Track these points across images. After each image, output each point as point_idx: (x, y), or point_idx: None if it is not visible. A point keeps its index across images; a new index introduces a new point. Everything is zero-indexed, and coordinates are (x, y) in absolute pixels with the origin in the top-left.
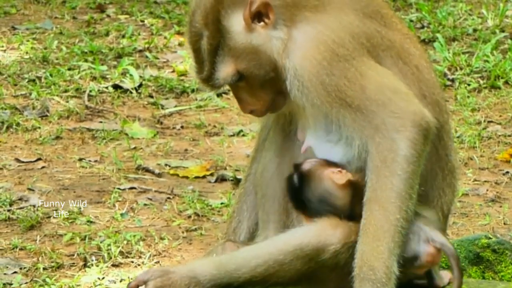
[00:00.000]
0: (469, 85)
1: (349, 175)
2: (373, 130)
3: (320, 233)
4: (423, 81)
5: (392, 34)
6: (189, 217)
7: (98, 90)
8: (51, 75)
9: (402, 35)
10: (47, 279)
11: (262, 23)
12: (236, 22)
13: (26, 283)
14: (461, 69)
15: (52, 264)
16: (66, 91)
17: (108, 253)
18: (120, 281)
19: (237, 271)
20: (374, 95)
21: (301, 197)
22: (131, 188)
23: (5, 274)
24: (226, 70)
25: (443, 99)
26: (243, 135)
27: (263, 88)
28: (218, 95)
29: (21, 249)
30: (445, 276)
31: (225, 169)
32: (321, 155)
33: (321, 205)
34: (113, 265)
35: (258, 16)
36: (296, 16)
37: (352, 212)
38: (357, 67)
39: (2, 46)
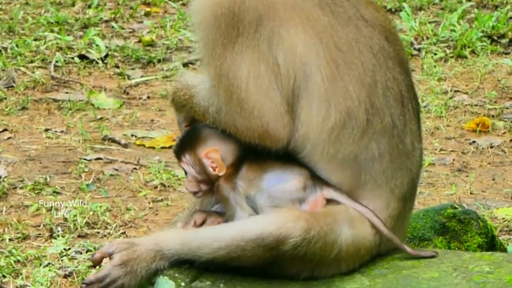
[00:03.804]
0: (435, 54)
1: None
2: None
3: (281, 224)
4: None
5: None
6: (155, 187)
7: (64, 61)
8: (17, 45)
9: (334, 17)
10: (13, 250)
11: None
12: None
13: None
14: (427, 38)
15: (18, 235)
16: (32, 61)
17: (74, 224)
18: (86, 251)
19: (200, 250)
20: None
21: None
22: (97, 158)
23: None
24: None
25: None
26: None
27: None
28: (184, 65)
29: None
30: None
31: None
32: None
33: None
34: (79, 236)
35: None
36: None
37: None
38: (224, 49)
39: None
